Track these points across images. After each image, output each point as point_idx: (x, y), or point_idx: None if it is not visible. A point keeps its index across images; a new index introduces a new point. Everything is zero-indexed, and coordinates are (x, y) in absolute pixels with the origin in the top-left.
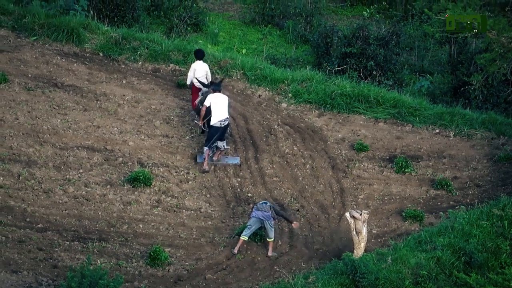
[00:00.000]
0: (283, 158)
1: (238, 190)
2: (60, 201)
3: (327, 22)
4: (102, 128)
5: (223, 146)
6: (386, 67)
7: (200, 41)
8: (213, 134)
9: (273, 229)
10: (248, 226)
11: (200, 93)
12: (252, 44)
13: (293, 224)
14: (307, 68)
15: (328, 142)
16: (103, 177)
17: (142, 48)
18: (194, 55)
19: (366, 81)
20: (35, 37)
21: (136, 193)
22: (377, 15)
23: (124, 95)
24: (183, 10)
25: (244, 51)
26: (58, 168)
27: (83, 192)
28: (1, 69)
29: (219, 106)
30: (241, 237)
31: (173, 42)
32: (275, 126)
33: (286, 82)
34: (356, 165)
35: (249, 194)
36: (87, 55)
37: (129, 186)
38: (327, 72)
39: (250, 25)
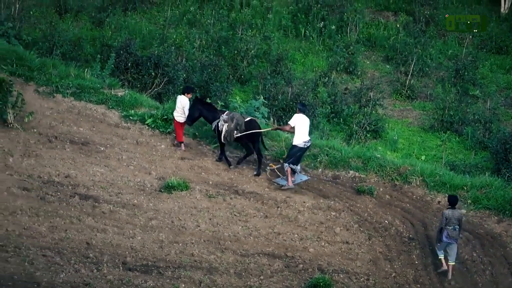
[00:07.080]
0: (462, 265)
1: None
2: None
3: (506, 128)
4: (282, 235)
5: (298, 170)
6: None
7: (379, 147)
8: (295, 153)
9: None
10: (452, 252)
11: (222, 118)
12: (431, 150)
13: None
14: (486, 175)
15: (508, 249)
16: (283, 283)
17: (322, 155)
18: (183, 91)
19: None
20: (215, 145)
21: None
22: None
23: (304, 202)
24: (363, 117)
25: (423, 157)
26: (239, 275)
27: None
28: (183, 177)
29: (303, 127)
30: (449, 263)
31: (352, 149)
32: None
33: (465, 188)
34: None
35: None
36: (268, 162)
37: None
38: (506, 178)
39: (429, 131)
